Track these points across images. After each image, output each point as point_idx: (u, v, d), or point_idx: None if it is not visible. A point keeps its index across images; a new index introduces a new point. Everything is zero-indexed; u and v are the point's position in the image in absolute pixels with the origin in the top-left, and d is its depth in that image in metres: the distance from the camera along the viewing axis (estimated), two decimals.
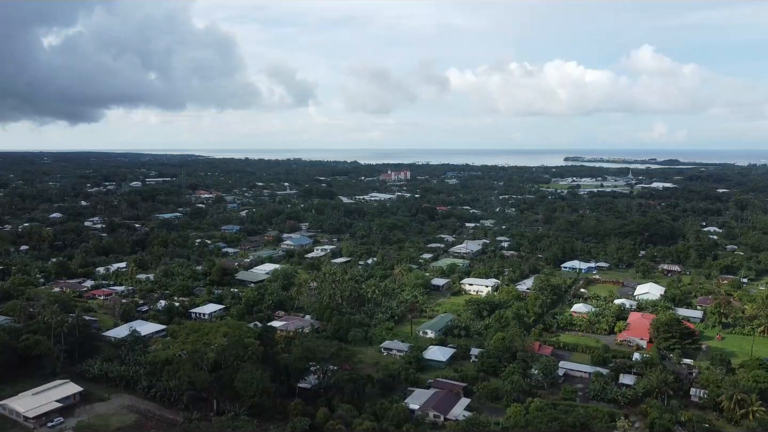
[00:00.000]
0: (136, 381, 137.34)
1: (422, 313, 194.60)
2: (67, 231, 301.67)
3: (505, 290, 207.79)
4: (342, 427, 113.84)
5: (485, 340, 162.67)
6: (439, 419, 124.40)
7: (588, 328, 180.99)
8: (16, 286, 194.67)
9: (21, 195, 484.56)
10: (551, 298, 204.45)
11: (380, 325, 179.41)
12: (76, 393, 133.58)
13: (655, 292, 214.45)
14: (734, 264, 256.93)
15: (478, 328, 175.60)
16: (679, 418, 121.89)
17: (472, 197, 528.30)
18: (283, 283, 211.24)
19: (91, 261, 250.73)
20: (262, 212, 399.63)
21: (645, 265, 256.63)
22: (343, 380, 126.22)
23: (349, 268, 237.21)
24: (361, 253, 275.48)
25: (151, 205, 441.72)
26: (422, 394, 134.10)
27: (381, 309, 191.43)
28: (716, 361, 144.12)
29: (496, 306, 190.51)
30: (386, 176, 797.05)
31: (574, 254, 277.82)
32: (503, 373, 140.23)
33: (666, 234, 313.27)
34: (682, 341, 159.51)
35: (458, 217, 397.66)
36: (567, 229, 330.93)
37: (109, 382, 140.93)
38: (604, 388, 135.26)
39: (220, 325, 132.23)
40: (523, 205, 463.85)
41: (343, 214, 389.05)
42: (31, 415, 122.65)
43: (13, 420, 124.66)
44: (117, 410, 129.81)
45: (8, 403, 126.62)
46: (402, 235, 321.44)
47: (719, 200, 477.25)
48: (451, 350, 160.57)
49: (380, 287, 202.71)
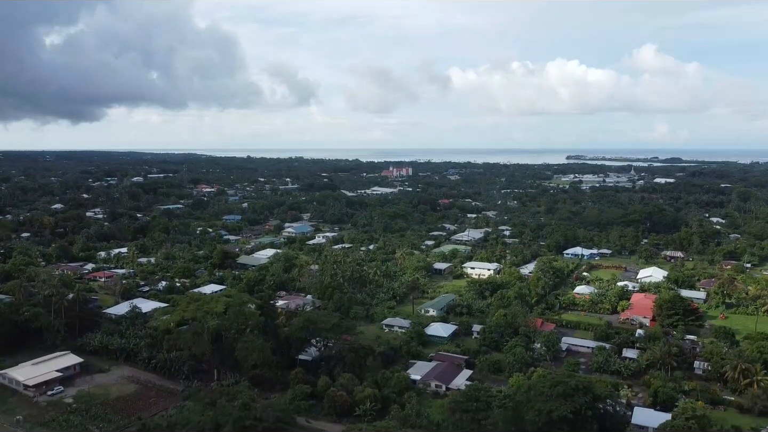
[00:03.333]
0: (136, 353, 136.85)
1: (424, 293, 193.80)
2: (69, 219, 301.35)
3: (507, 272, 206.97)
4: (343, 393, 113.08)
5: (487, 318, 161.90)
6: (441, 389, 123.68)
7: (590, 308, 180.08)
8: (17, 266, 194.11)
9: (23, 188, 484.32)
10: (553, 281, 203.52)
11: (381, 305, 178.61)
12: (77, 364, 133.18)
13: (658, 276, 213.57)
14: (737, 250, 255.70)
15: (480, 307, 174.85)
16: (683, 387, 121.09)
17: (474, 191, 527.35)
18: (284, 265, 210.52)
19: (93, 246, 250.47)
20: (264, 203, 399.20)
21: (648, 251, 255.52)
22: (344, 350, 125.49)
23: (350, 252, 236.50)
24: (363, 240, 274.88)
25: (153, 197, 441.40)
26: (424, 366, 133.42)
27: (382, 290, 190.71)
28: (720, 335, 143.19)
29: (499, 287, 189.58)
30: (388, 173, 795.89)
31: (576, 241, 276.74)
32: (505, 348, 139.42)
33: (668, 223, 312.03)
34: (685, 318, 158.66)
35: (460, 208, 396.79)
36: (569, 218, 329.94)
37: (110, 355, 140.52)
38: (607, 361, 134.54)
39: (221, 296, 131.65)
40: (525, 198, 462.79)
41: (345, 205, 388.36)
42: (30, 384, 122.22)
43: (12, 389, 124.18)
44: (117, 381, 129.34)
45: (8, 373, 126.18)
46: (404, 223, 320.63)
47: (722, 193, 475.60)
48: (452, 327, 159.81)
49: (381, 268, 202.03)
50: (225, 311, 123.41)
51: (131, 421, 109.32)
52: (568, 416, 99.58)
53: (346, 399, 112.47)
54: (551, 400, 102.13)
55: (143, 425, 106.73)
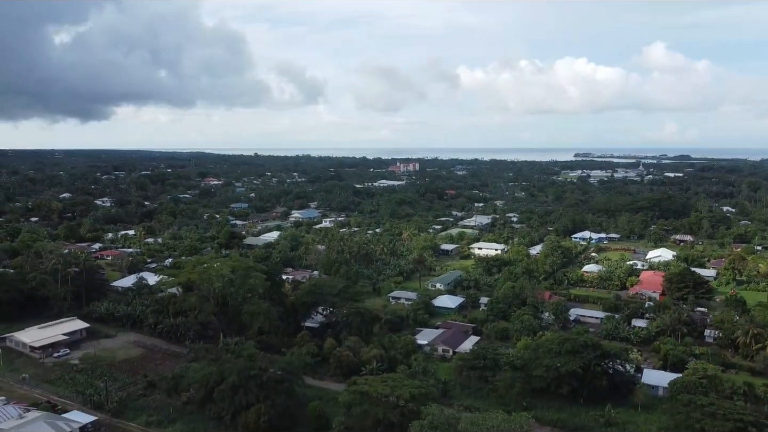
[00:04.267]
0: (142, 320, 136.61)
1: (431, 271, 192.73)
2: (77, 204, 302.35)
3: (515, 250, 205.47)
4: (349, 354, 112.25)
5: (494, 291, 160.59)
6: (448, 353, 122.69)
7: (599, 284, 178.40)
8: (25, 242, 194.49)
9: (31, 180, 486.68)
10: (561, 260, 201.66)
11: (388, 281, 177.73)
12: (83, 329, 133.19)
13: (668, 256, 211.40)
14: (748, 233, 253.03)
15: (487, 282, 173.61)
16: (694, 351, 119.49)
17: (481, 183, 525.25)
18: (290, 244, 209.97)
19: (100, 228, 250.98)
20: (271, 192, 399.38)
21: (657, 234, 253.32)
22: (350, 314, 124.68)
23: (357, 234, 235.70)
24: (369, 224, 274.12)
25: (161, 187, 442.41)
26: (431, 333, 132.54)
27: (389, 266, 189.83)
28: (731, 302, 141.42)
29: (506, 264, 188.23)
30: (395, 168, 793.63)
31: (584, 226, 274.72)
32: (513, 317, 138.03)
33: (678, 209, 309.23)
34: (695, 291, 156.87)
35: (468, 198, 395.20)
36: (577, 206, 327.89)
37: (116, 322, 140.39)
38: (616, 328, 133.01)
39: (226, 261, 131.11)
40: (533, 189, 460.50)
41: (352, 194, 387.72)
42: (36, 345, 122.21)
43: (19, 351, 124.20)
44: (123, 345, 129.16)
45: (14, 336, 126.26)
46: (410, 210, 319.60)
47: (731, 185, 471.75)
48: (460, 299, 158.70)
49: (388, 245, 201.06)
50: (231, 275, 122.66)
51: (137, 380, 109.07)
52: (576, 371, 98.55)
53: (352, 359, 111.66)
54: (560, 357, 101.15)
55: (149, 382, 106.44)
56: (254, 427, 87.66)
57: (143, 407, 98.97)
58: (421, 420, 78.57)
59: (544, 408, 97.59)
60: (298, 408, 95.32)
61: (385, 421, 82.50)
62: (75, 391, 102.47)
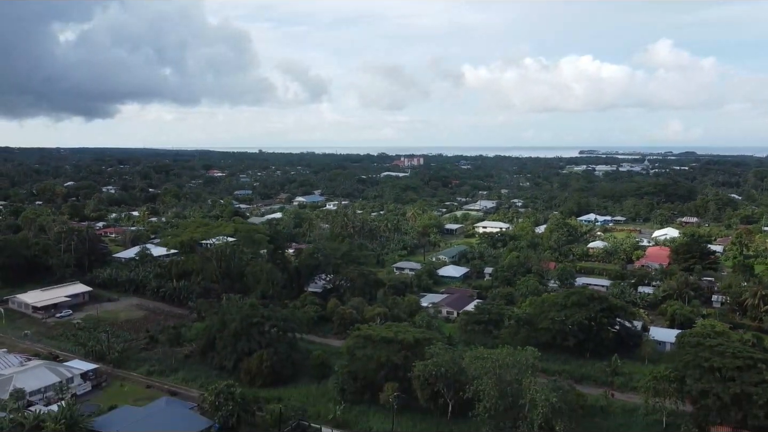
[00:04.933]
0: (145, 284, 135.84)
1: (435, 247, 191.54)
2: (81, 188, 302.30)
3: (520, 226, 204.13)
4: (353, 311, 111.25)
5: (499, 261, 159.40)
6: (452, 315, 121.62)
7: (605, 258, 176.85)
8: (28, 217, 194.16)
9: (36, 171, 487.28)
10: (566, 237, 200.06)
11: (392, 254, 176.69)
12: (85, 292, 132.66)
13: (674, 234, 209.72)
14: (755, 215, 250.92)
15: (492, 254, 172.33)
16: (701, 312, 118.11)
17: (485, 174, 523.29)
18: (294, 221, 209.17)
19: (105, 209, 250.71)
20: (276, 180, 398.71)
21: (662, 215, 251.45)
22: (353, 275, 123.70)
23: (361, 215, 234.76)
24: (373, 207, 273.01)
25: (165, 177, 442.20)
26: (435, 297, 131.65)
27: (393, 241, 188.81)
28: (739, 267, 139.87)
29: (511, 238, 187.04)
30: (399, 162, 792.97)
31: (589, 209, 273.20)
32: (518, 283, 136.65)
33: (683, 195, 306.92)
34: (702, 261, 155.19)
35: (472, 186, 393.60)
36: (582, 190, 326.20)
37: (119, 287, 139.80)
38: (622, 293, 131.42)
39: (229, 223, 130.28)
40: (538, 179, 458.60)
41: (356, 182, 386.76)
42: (39, 306, 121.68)
43: (21, 312, 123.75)
44: (126, 308, 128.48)
45: (17, 297, 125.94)
46: (415, 195, 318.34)
47: (737, 175, 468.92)
48: (465, 269, 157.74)
49: (392, 221, 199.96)
50: (234, 235, 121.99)
51: (139, 336, 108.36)
52: (583, 323, 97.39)
53: (355, 317, 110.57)
54: (566, 309, 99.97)
55: (150, 337, 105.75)
56: (256, 373, 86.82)
57: (145, 359, 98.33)
58: (425, 360, 77.63)
59: (550, 361, 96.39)
60: (301, 359, 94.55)
61: (389, 364, 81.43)
62: (77, 343, 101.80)
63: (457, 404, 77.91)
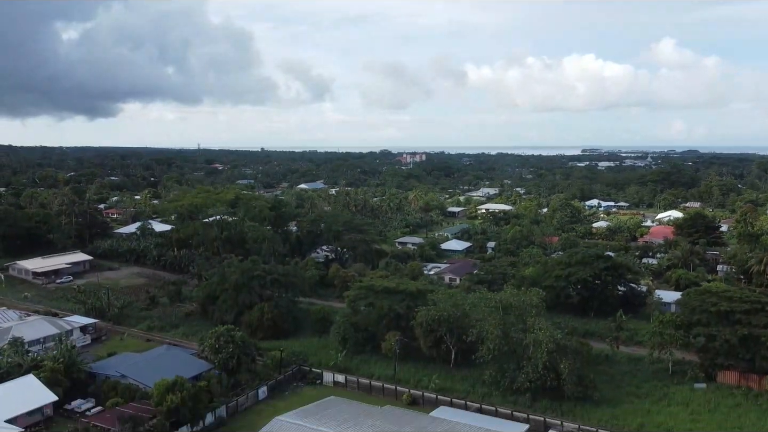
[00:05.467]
0: (145, 254, 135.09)
1: (438, 225, 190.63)
2: (83, 175, 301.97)
3: (523, 205, 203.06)
4: (354, 274, 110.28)
5: (502, 236, 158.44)
6: (455, 281, 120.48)
7: (608, 236, 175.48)
8: (30, 195, 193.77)
9: (39, 164, 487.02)
10: (570, 218, 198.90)
11: (394, 231, 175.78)
12: (86, 261, 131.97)
13: (678, 215, 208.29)
14: (758, 200, 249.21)
15: (495, 231, 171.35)
16: (707, 278, 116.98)
17: (488, 167, 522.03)
18: (296, 201, 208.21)
19: (107, 193, 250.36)
20: (278, 170, 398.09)
21: (666, 200, 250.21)
22: (356, 240, 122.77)
23: None
24: (375, 192, 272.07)
25: (167, 168, 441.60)
26: (438, 266, 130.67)
27: (395, 220, 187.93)
28: (744, 238, 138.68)
29: (514, 217, 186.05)
30: (401, 159, 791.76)
31: (592, 195, 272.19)
32: (521, 252, 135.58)
33: (687, 182, 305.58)
34: (707, 235, 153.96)
35: (474, 176, 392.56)
36: (585, 178, 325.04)
37: (120, 258, 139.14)
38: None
39: (230, 190, 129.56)
40: (541, 170, 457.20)
41: (359, 173, 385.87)
42: (39, 271, 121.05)
43: (21, 278, 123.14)
44: (127, 276, 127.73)
45: (18, 263, 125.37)
46: (417, 183, 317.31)
47: (741, 168, 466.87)
48: (467, 243, 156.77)
49: (395, 201, 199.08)
50: (235, 202, 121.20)
51: (140, 297, 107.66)
52: (587, 280, 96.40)
53: (357, 280, 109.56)
54: (570, 267, 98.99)
55: (151, 298, 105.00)
56: (257, 326, 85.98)
57: (145, 317, 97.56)
58: (428, 306, 76.76)
59: (555, 320, 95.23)
60: (302, 315, 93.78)
61: (391, 313, 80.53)
62: (77, 302, 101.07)
63: (460, 352, 77.04)
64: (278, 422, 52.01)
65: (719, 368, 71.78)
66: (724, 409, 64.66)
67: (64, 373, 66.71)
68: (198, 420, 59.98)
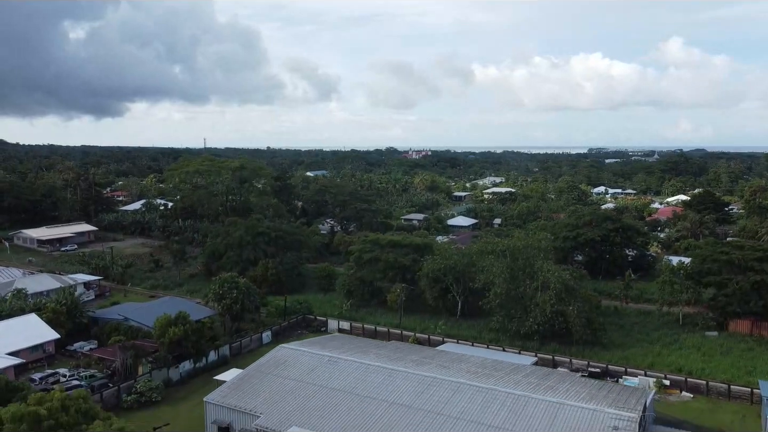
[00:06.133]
0: (150, 226, 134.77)
1: (444, 207, 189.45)
2: (88, 163, 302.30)
3: (530, 188, 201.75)
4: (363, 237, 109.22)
5: (508, 212, 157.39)
6: None
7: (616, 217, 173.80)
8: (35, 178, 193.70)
9: (47, 156, 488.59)
10: (576, 200, 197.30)
11: (400, 211, 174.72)
12: (91, 231, 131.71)
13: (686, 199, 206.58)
14: None
15: (501, 209, 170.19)
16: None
17: (494, 161, 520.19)
18: (301, 184, 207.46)
19: (113, 177, 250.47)
20: (282, 162, 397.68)
21: (674, 186, 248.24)
22: (361, 209, 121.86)
23: None
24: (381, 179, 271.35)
25: (173, 160, 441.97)
26: (444, 237, 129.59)
27: (401, 200, 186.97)
28: (755, 210, 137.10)
29: (522, 196, 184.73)
30: (407, 155, 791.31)
31: (599, 182, 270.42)
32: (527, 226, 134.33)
33: (695, 171, 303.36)
34: (716, 212, 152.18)
35: (480, 167, 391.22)
36: (592, 166, 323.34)
37: (125, 230, 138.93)
38: None
39: (234, 160, 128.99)
40: (547, 163, 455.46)
41: (365, 164, 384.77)
42: (44, 239, 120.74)
43: (27, 247, 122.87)
44: (132, 245, 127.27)
45: (23, 232, 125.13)
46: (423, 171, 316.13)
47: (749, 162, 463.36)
48: (474, 220, 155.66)
49: (400, 182, 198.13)
50: (240, 170, 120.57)
51: (144, 263, 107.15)
52: (595, 239, 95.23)
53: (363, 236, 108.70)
54: (578, 228, 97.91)
55: (156, 261, 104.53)
56: (262, 281, 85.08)
57: (149, 278, 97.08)
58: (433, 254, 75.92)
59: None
60: (307, 273, 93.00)
61: (397, 266, 79.63)
62: (81, 262, 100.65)
63: (466, 303, 76.03)
64: (282, 349, 51.16)
65: (731, 316, 70.44)
66: (736, 352, 63.34)
67: (66, 316, 66.10)
68: (201, 356, 59.19)
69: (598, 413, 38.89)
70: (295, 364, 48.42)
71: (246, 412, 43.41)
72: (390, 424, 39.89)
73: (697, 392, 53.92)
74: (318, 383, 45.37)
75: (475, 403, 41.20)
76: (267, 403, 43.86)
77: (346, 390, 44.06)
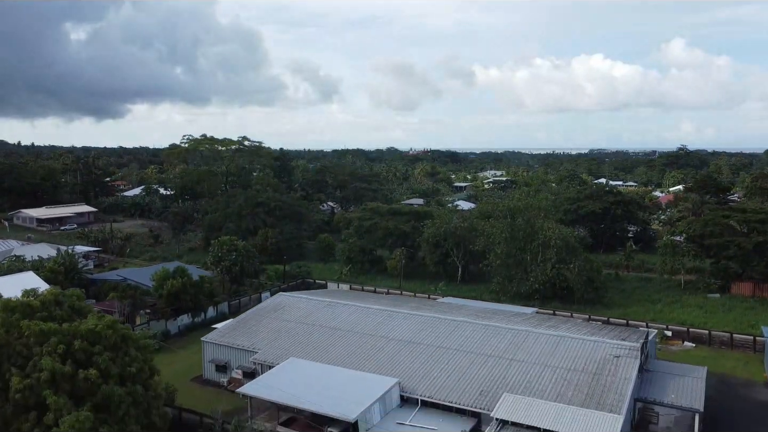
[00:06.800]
0: (150, 208, 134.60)
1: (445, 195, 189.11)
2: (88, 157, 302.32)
3: (531, 176, 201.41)
4: None
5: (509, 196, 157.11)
6: None
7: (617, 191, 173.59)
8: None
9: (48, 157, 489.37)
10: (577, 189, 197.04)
11: (401, 197, 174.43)
12: (91, 212, 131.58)
13: None
14: None
15: (501, 195, 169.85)
16: None
17: (495, 159, 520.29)
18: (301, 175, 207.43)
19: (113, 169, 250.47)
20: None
21: (675, 177, 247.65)
22: (360, 188, 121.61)
23: None
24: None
25: None
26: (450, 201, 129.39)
27: (401, 188, 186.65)
28: (756, 191, 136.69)
29: (523, 184, 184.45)
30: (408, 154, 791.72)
31: (600, 175, 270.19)
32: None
33: (696, 165, 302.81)
34: (718, 195, 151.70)
35: (481, 162, 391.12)
36: (593, 160, 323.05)
37: (124, 212, 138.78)
38: None
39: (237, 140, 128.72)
40: (548, 159, 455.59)
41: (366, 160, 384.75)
42: (43, 218, 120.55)
43: (26, 226, 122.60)
44: (131, 226, 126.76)
45: (23, 211, 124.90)
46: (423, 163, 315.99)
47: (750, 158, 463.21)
48: (474, 204, 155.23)
49: (400, 170, 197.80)
50: (240, 150, 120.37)
51: (145, 239, 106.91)
52: (596, 212, 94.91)
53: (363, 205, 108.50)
54: (579, 201, 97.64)
55: (155, 236, 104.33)
56: (261, 250, 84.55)
57: (148, 251, 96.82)
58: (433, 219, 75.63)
59: None
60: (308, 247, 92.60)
61: (397, 232, 79.36)
62: (80, 237, 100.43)
63: (467, 268, 75.70)
64: (282, 296, 50.82)
65: (733, 279, 70.00)
66: (739, 310, 62.93)
67: (64, 276, 65.72)
68: (199, 311, 58.82)
69: (599, 344, 38.53)
70: (294, 308, 48.09)
71: (243, 349, 43.08)
72: (390, 355, 39.52)
73: (700, 342, 53.48)
74: (317, 323, 45.03)
75: (476, 337, 40.85)
76: (265, 340, 43.52)
77: (345, 329, 43.72)
